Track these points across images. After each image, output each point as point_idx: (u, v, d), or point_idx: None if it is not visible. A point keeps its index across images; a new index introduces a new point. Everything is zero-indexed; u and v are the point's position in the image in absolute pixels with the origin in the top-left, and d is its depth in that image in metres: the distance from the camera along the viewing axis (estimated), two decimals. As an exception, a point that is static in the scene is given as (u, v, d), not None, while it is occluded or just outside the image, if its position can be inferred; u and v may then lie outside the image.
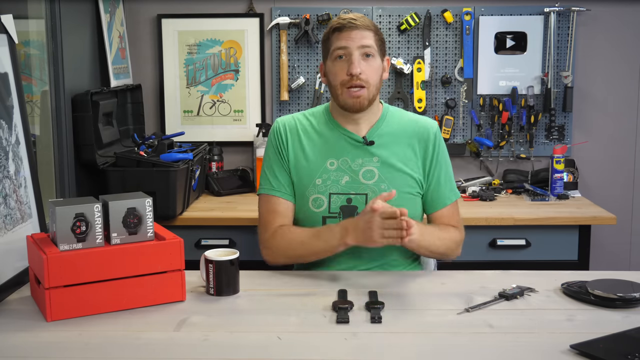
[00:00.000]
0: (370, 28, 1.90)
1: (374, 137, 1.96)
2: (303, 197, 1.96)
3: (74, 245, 1.59)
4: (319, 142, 1.98)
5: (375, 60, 1.91)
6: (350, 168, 1.95)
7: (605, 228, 3.11)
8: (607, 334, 1.44)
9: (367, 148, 1.95)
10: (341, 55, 1.90)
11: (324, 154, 1.96)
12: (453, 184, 2.02)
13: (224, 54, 3.27)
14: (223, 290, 1.71)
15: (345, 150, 1.96)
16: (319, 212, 1.94)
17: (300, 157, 1.97)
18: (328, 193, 1.94)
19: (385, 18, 3.21)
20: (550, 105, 3.18)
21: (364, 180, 1.94)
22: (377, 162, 1.95)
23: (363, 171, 1.94)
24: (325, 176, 1.95)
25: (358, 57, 1.88)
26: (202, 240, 2.75)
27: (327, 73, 1.95)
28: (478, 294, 1.70)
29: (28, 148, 1.93)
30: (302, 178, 1.97)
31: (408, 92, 3.24)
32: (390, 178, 1.94)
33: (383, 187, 1.93)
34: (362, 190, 1.94)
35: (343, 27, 1.89)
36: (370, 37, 1.89)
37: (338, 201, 1.94)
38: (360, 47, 1.88)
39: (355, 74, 1.87)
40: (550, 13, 3.16)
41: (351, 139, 1.96)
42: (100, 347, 1.43)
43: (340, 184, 1.94)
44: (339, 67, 1.90)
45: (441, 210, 1.99)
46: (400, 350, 1.41)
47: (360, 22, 1.89)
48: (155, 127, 3.33)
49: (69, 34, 2.58)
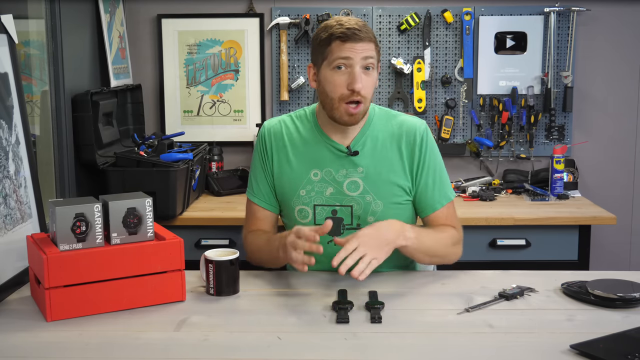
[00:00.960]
0: (372, 40, 1.82)
1: (359, 146, 1.91)
2: (289, 207, 1.95)
3: (74, 245, 1.59)
4: (303, 150, 1.94)
5: (374, 73, 1.84)
6: (334, 179, 1.91)
7: (605, 228, 3.11)
8: (607, 334, 1.44)
9: (352, 159, 1.90)
10: (341, 66, 1.81)
11: (308, 164, 1.92)
12: (445, 186, 1.95)
13: (224, 54, 3.27)
14: (223, 290, 1.71)
15: (329, 160, 1.91)
16: (305, 224, 1.92)
17: (284, 166, 1.94)
18: (312, 204, 1.92)
19: (385, 18, 3.21)
20: (550, 105, 3.18)
21: (349, 192, 1.90)
22: (362, 173, 1.90)
23: (347, 182, 1.90)
24: (310, 187, 1.92)
25: (360, 71, 1.80)
26: (202, 240, 2.75)
27: (322, 81, 1.85)
28: (478, 294, 1.70)
29: (28, 148, 1.93)
30: (286, 188, 1.94)
31: (408, 92, 3.24)
32: (375, 189, 1.90)
33: (368, 198, 1.89)
34: (347, 202, 1.90)
35: (347, 37, 1.79)
36: (372, 49, 1.82)
37: (323, 213, 1.92)
38: (364, 59, 1.80)
39: (358, 90, 1.79)
40: (550, 13, 3.16)
41: (335, 149, 1.91)
42: (100, 347, 1.43)
43: (325, 196, 1.91)
44: (339, 79, 1.81)
45: (434, 213, 1.93)
46: (400, 350, 1.41)
47: (364, 34, 1.80)
48: (155, 127, 3.33)
49: (69, 34, 2.58)
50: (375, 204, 1.90)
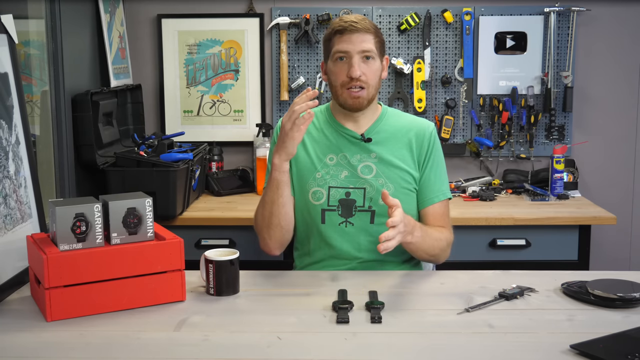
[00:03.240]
0: (370, 31, 1.95)
1: (372, 135, 2.02)
2: (303, 190, 2.02)
3: (74, 245, 1.59)
4: (320, 138, 2.04)
5: (375, 62, 1.97)
6: (349, 163, 2.01)
7: (605, 228, 3.11)
8: (607, 334, 1.44)
9: (365, 145, 2.01)
10: (342, 57, 1.95)
11: (324, 150, 2.03)
12: (444, 185, 2.05)
13: (224, 54, 3.27)
14: (223, 290, 1.71)
15: (345, 146, 2.02)
16: (318, 205, 2.00)
17: (301, 152, 2.02)
18: (327, 186, 2.00)
19: (385, 18, 3.21)
20: (550, 105, 3.18)
21: (362, 175, 2.00)
22: (375, 158, 2.00)
23: (361, 166, 2.00)
24: (325, 170, 2.01)
25: (358, 60, 1.94)
26: (202, 240, 2.75)
27: (328, 72, 2.01)
28: (478, 294, 1.70)
29: (28, 148, 1.93)
30: (302, 171, 2.02)
31: (408, 92, 3.24)
32: (387, 173, 2.00)
33: (380, 181, 1.99)
34: (361, 185, 1.99)
35: (345, 29, 1.94)
36: (371, 40, 1.95)
37: (337, 194, 1.99)
38: (361, 51, 1.94)
39: (356, 77, 1.93)
40: (550, 13, 3.16)
41: (350, 136, 2.02)
42: (101, 347, 1.43)
43: (340, 178, 2.00)
44: (340, 68, 1.96)
45: (430, 207, 2.02)
46: (400, 350, 1.41)
47: (362, 25, 1.94)
48: (155, 127, 3.33)
49: (69, 34, 2.58)
50: (387, 187, 1.98)
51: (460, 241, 1.99)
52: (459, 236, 2.10)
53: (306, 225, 2.03)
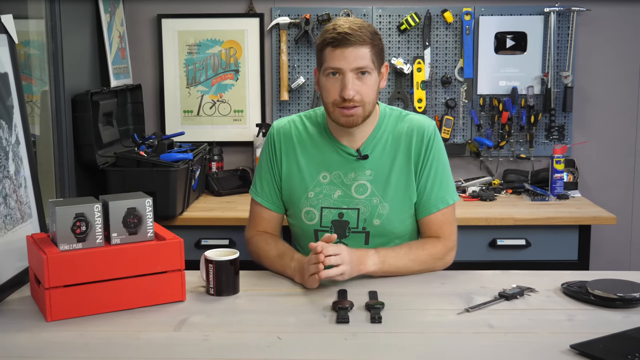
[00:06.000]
0: (366, 42, 1.78)
1: (370, 147, 1.91)
2: (296, 208, 1.96)
3: (74, 245, 1.59)
4: (313, 152, 1.94)
5: (371, 76, 1.81)
6: (342, 182, 1.91)
7: (605, 228, 3.11)
8: (607, 334, 1.44)
9: (361, 162, 1.91)
10: (334, 72, 1.80)
11: (317, 167, 1.93)
12: (445, 190, 1.92)
13: (224, 54, 3.27)
14: (223, 290, 1.71)
15: (339, 164, 1.92)
16: (311, 225, 1.94)
17: (293, 168, 1.95)
18: (320, 207, 1.93)
19: (385, 18, 3.21)
20: (550, 105, 3.18)
21: (356, 195, 1.91)
22: (370, 176, 1.90)
23: (355, 185, 1.91)
24: (318, 189, 1.93)
25: (352, 78, 1.78)
26: (202, 240, 2.75)
27: (320, 85, 1.86)
28: (478, 294, 1.70)
29: (28, 148, 1.93)
30: (295, 189, 1.95)
31: (408, 92, 3.24)
32: (382, 192, 1.90)
33: (375, 201, 1.90)
34: (354, 205, 1.91)
35: (338, 42, 1.77)
36: (366, 53, 1.78)
37: (330, 215, 1.92)
38: (355, 68, 1.78)
39: (348, 98, 1.78)
40: (550, 13, 3.16)
41: (345, 152, 1.92)
42: (101, 347, 1.43)
43: (333, 198, 1.92)
44: (332, 84, 1.81)
45: (426, 218, 1.92)
46: (400, 350, 1.41)
47: (356, 37, 1.76)
48: (155, 127, 3.33)
49: (69, 34, 2.58)
50: (382, 206, 1.90)
51: (460, 241, 1.98)
52: (459, 236, 2.08)
53: (301, 237, 2.00)
